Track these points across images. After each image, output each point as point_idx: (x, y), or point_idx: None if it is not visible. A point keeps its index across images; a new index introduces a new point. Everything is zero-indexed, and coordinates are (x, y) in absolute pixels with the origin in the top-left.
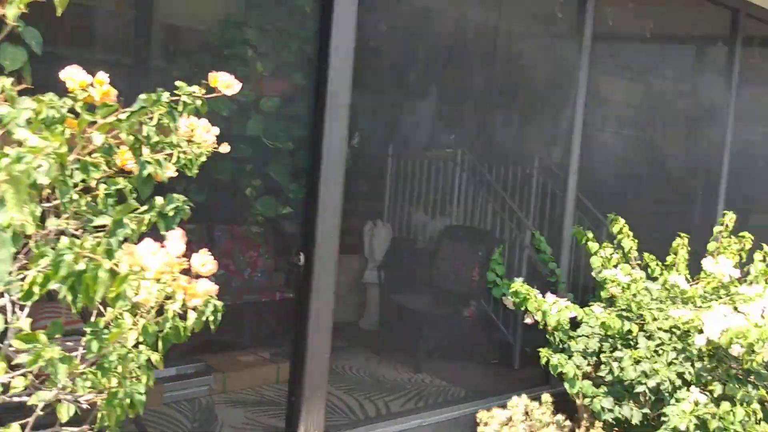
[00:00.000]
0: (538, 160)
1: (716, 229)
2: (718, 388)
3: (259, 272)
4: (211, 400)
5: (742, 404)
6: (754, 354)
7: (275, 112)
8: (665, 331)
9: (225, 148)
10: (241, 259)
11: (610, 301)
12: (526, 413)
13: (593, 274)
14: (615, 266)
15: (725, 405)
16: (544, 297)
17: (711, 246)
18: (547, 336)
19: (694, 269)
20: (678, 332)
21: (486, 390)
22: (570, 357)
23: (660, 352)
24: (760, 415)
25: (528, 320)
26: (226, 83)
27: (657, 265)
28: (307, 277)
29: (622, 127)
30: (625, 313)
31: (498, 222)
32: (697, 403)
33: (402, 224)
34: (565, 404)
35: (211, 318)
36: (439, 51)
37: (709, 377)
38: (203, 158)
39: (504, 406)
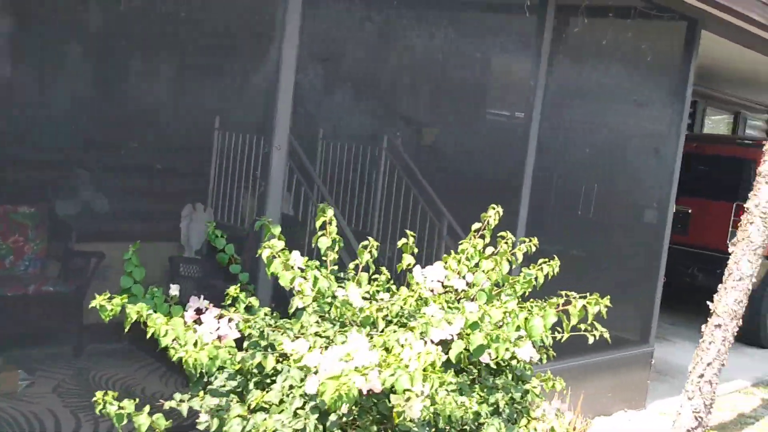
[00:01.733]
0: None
1: (475, 226)
2: None
3: None
4: None
5: None
6: (405, 406)
7: None
8: (300, 368)
9: None
10: None
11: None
12: None
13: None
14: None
15: None
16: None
17: (463, 246)
18: (184, 368)
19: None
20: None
21: None
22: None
23: (291, 396)
24: None
25: None
26: None
27: (325, 276)
28: None
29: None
30: (263, 341)
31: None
32: None
33: (225, 208)
34: None
35: None
36: None
37: None
38: None
39: None
